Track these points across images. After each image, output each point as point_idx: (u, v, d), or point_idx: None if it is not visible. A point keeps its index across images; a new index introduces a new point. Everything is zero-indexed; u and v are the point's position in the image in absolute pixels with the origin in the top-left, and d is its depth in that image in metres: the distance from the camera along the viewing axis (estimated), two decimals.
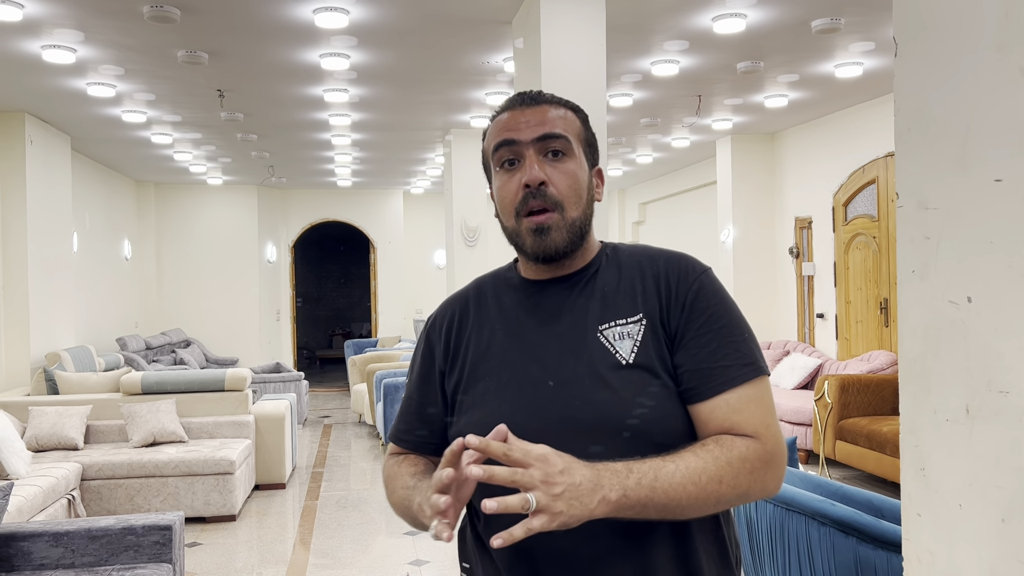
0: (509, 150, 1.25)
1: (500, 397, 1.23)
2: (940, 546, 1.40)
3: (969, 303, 1.33)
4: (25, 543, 3.26)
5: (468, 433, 1.16)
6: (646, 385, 1.19)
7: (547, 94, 1.32)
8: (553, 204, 1.21)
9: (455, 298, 1.39)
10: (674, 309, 1.23)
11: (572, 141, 1.26)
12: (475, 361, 1.28)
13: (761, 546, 2.60)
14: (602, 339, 1.22)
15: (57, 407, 5.88)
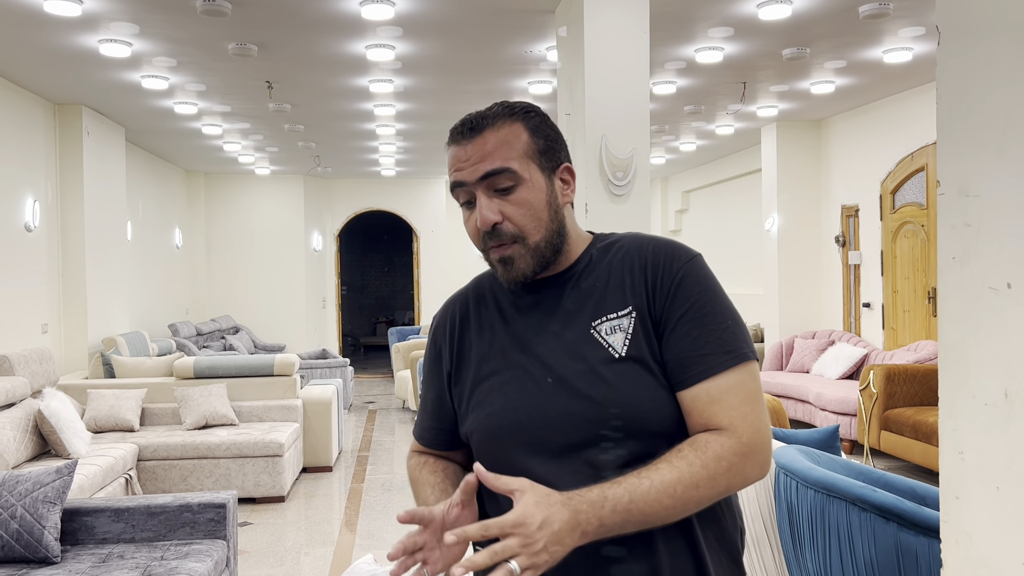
0: (462, 191, 1.26)
1: (504, 395, 1.27)
2: (977, 528, 1.42)
3: (1009, 289, 1.34)
4: (88, 518, 3.41)
5: (480, 435, 1.28)
6: (639, 377, 1.21)
7: (487, 115, 1.26)
8: (511, 238, 1.23)
9: (455, 299, 1.41)
10: (659, 298, 1.24)
11: (518, 167, 1.23)
12: (479, 361, 1.32)
13: (802, 531, 2.62)
14: (596, 335, 1.24)
15: (114, 390, 6.09)
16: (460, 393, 1.34)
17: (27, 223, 6.58)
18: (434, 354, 1.40)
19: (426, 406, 1.42)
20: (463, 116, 1.29)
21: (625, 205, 4.31)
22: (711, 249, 12.17)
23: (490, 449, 1.27)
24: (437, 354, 1.39)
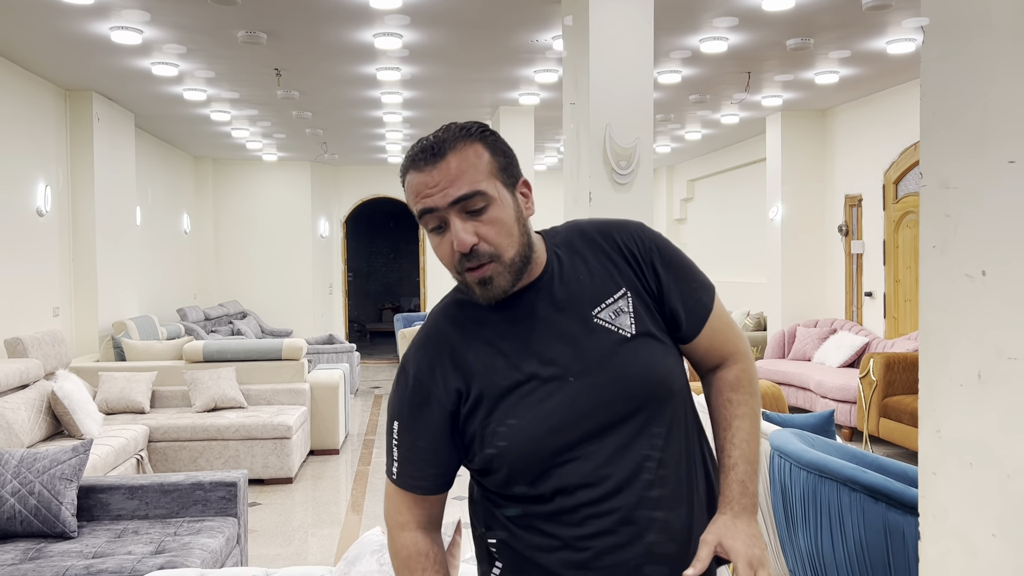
0: (432, 217, 1.27)
1: (530, 409, 1.28)
2: (952, 502, 1.50)
3: (983, 276, 1.42)
4: (104, 495, 3.52)
5: (517, 450, 1.29)
6: (652, 349, 1.34)
7: (446, 139, 1.27)
8: (489, 258, 1.26)
9: (429, 339, 1.37)
10: (647, 272, 1.38)
11: (486, 188, 1.26)
12: (491, 387, 1.30)
13: (794, 511, 2.70)
14: (600, 323, 1.32)
15: (125, 373, 6.19)
16: (474, 424, 1.32)
17: (39, 208, 6.67)
18: (420, 400, 1.34)
19: (415, 456, 1.36)
20: (417, 141, 1.30)
21: (628, 194, 4.38)
22: (716, 238, 12.23)
23: (523, 462, 1.29)
24: (425, 398, 1.34)
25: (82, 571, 2.91)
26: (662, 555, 1.31)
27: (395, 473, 1.39)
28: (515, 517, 1.36)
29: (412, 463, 1.36)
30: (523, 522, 1.35)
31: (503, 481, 1.32)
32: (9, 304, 6.20)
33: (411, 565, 1.36)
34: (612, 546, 1.29)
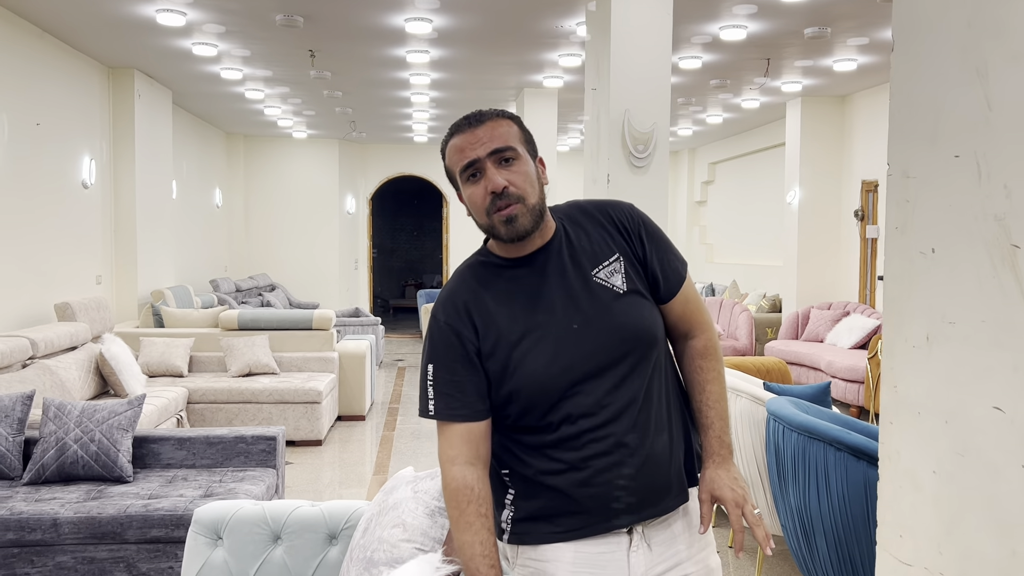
0: (472, 167, 1.55)
1: (542, 351, 1.55)
2: (904, 446, 1.76)
3: (933, 253, 1.66)
4: (155, 445, 3.84)
5: (529, 391, 1.56)
6: (639, 304, 1.63)
7: (486, 113, 1.58)
8: (516, 199, 1.53)
9: (456, 291, 1.61)
10: (635, 241, 1.66)
11: (517, 147, 1.56)
12: (508, 332, 1.56)
13: (786, 470, 2.96)
14: (599, 280, 1.62)
15: (165, 339, 6.54)
16: (495, 363, 1.56)
17: (84, 180, 7.00)
18: (452, 341, 1.57)
19: (451, 388, 1.57)
20: (463, 115, 1.62)
21: (645, 177, 4.61)
22: (735, 220, 12.39)
23: (539, 395, 1.56)
24: (457, 339, 1.57)
25: (141, 509, 3.23)
26: (648, 471, 1.58)
27: (432, 409, 1.59)
28: (526, 448, 1.62)
29: (449, 395, 1.57)
30: (533, 452, 1.61)
31: (518, 414, 1.59)
32: (57, 271, 6.55)
33: (458, 497, 1.55)
34: (609, 464, 1.56)
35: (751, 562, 3.88)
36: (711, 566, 1.70)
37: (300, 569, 2.24)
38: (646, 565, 1.62)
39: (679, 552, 1.66)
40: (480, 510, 1.56)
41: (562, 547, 1.61)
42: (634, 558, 1.61)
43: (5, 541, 3.15)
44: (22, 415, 3.69)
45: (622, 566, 1.61)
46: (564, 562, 1.61)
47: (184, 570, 2.26)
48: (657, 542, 1.64)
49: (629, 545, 1.61)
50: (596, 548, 1.61)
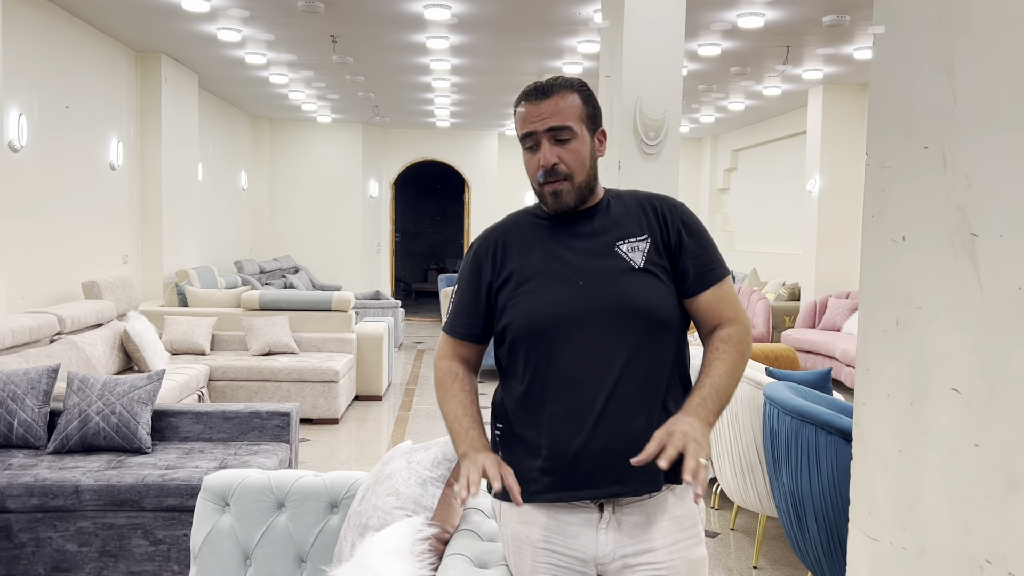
0: (530, 139, 1.69)
1: (544, 293, 1.68)
2: (876, 426, 1.83)
3: (903, 241, 1.73)
4: (173, 419, 3.98)
5: (524, 322, 1.69)
6: (651, 283, 1.69)
7: (554, 84, 1.68)
8: (564, 177, 1.67)
9: (495, 229, 1.81)
10: (671, 232, 1.73)
11: (574, 126, 1.67)
12: (523, 270, 1.71)
13: (780, 453, 3.02)
14: (619, 251, 1.70)
15: (188, 317, 6.70)
16: (503, 297, 1.72)
17: (112, 162, 7.17)
18: (474, 268, 1.77)
19: (462, 308, 1.79)
20: (532, 83, 1.73)
21: (656, 164, 4.66)
22: (754, 208, 12.35)
23: (533, 334, 1.68)
24: (477, 268, 1.76)
25: (158, 478, 3.37)
26: (611, 446, 1.62)
27: (446, 324, 1.82)
28: (511, 401, 1.73)
29: (458, 314, 1.79)
30: (514, 404, 1.72)
31: (509, 349, 1.70)
32: (84, 250, 6.73)
33: (444, 379, 1.78)
34: (573, 427, 1.63)
35: (750, 544, 3.95)
36: (691, 559, 1.69)
37: (302, 535, 2.35)
38: (615, 544, 1.66)
39: (653, 539, 1.67)
40: (464, 386, 1.77)
41: (537, 511, 1.70)
42: (603, 535, 1.67)
43: (30, 506, 3.31)
44: (47, 387, 3.85)
45: (591, 540, 1.67)
46: (537, 525, 1.70)
47: (193, 534, 2.38)
48: (629, 524, 1.67)
49: (600, 520, 1.68)
50: (568, 517, 1.68)
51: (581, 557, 1.68)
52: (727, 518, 4.32)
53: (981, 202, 1.48)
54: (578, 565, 1.69)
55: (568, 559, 1.69)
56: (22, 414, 3.74)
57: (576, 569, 1.69)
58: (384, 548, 1.49)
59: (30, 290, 5.91)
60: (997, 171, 1.43)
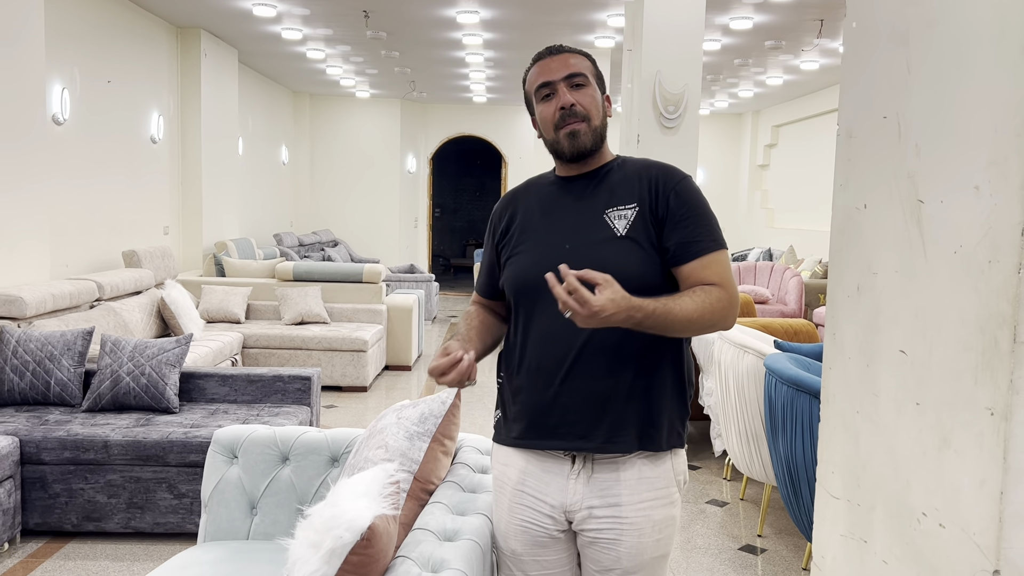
0: (546, 88, 1.78)
1: (533, 254, 1.79)
2: (838, 389, 1.88)
3: (864, 208, 1.77)
4: (201, 381, 4.16)
5: (514, 279, 1.82)
6: (630, 251, 1.73)
7: (565, 46, 1.84)
8: (582, 117, 1.75)
9: (509, 194, 1.95)
10: (660, 201, 1.76)
11: (588, 76, 1.80)
12: (520, 233, 1.84)
13: (777, 419, 3.07)
14: (606, 219, 1.76)
15: (224, 287, 6.92)
16: (504, 254, 1.87)
17: (153, 135, 7.40)
18: (491, 231, 1.93)
19: (483, 268, 1.97)
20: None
21: (675, 137, 4.68)
22: (795, 185, 12.21)
23: (520, 291, 1.80)
24: (493, 231, 1.92)
25: (181, 436, 3.55)
26: (577, 404, 1.71)
27: (476, 285, 2.02)
28: (507, 350, 1.86)
29: (481, 274, 1.98)
30: (508, 354, 1.85)
31: (508, 304, 1.85)
32: (126, 221, 6.98)
33: (466, 315, 1.97)
34: (543, 382, 1.73)
35: (756, 513, 4.01)
36: (655, 518, 1.76)
37: (304, 487, 2.48)
38: (582, 495, 1.75)
39: (619, 496, 1.74)
40: (479, 314, 1.95)
41: (516, 455, 1.81)
42: (572, 485, 1.76)
43: (63, 459, 3.51)
44: (82, 349, 4.05)
45: (562, 487, 1.77)
46: (516, 468, 1.81)
47: (204, 484, 2.53)
48: (597, 479, 1.75)
49: (570, 470, 1.78)
50: (542, 464, 1.79)
51: (551, 503, 1.78)
52: (737, 489, 4.38)
53: (927, 170, 1.52)
54: (547, 509, 1.79)
55: (539, 502, 1.79)
56: (59, 374, 3.95)
57: (546, 513, 1.79)
58: (354, 489, 1.60)
59: (73, 258, 6.16)
60: (939, 138, 1.48)
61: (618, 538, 1.74)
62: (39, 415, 3.79)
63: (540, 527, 1.80)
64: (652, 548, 1.76)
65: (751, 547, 3.65)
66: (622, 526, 1.74)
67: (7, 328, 4.04)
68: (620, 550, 1.74)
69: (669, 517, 1.80)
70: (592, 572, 1.80)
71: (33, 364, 3.94)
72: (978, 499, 1.33)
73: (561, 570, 1.84)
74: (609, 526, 1.75)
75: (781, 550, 3.62)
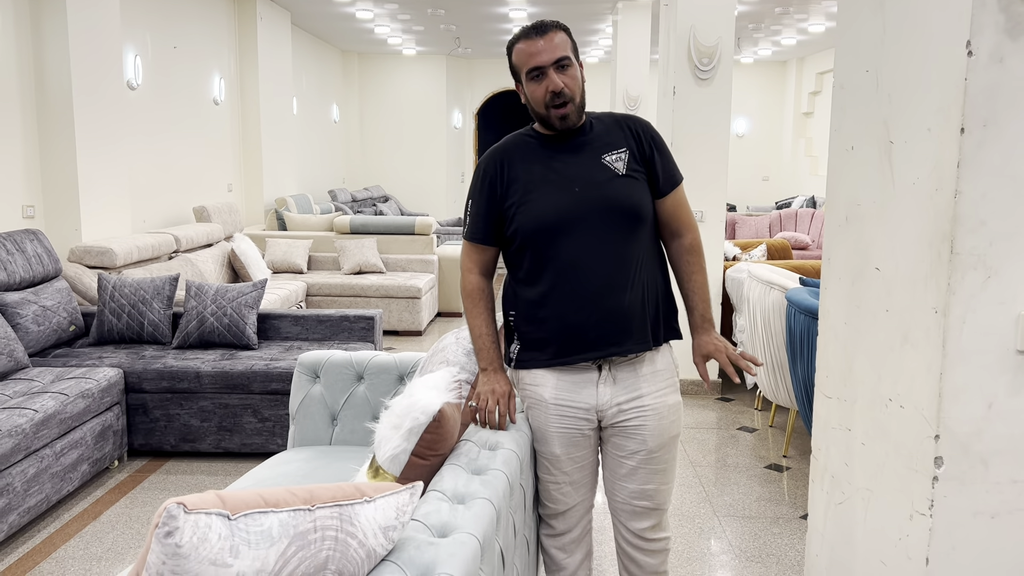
0: (537, 71, 2.03)
1: (547, 200, 2.07)
2: (832, 304, 2.19)
3: (852, 151, 2.06)
4: (276, 321, 4.60)
5: (533, 223, 2.10)
6: (632, 185, 2.09)
7: (546, 23, 2.05)
8: (568, 99, 2.04)
9: (497, 150, 2.15)
10: (644, 144, 2.14)
11: (571, 55, 2.05)
12: (527, 182, 2.08)
13: (796, 346, 3.38)
14: (605, 162, 2.09)
15: (286, 240, 7.38)
16: (511, 204, 2.08)
17: (215, 97, 7.82)
18: (484, 183, 2.12)
19: (478, 217, 2.14)
20: (524, 26, 2.11)
21: (709, 89, 4.93)
22: None
23: (539, 232, 2.07)
24: (490, 184, 2.12)
25: (263, 367, 4.00)
26: (611, 318, 2.07)
27: (466, 231, 2.18)
28: (524, 291, 2.14)
29: (474, 222, 2.15)
30: (528, 292, 2.13)
31: (518, 248, 2.10)
32: (194, 179, 7.45)
33: (473, 294, 2.21)
34: (580, 306, 2.06)
35: (782, 436, 4.34)
36: (669, 403, 2.16)
37: (377, 402, 2.88)
38: (611, 395, 2.12)
39: (641, 388, 2.13)
40: (487, 304, 2.22)
41: (548, 374, 2.16)
42: (602, 388, 2.12)
43: (161, 388, 3.99)
44: (170, 293, 4.51)
45: (592, 393, 2.13)
46: (549, 386, 2.16)
47: (291, 399, 2.96)
48: (621, 378, 2.12)
49: (599, 377, 2.13)
50: (572, 377, 2.14)
51: (584, 407, 2.14)
52: (766, 418, 4.71)
53: (895, 115, 1.82)
54: (582, 413, 2.15)
55: (574, 409, 2.15)
56: (151, 315, 4.43)
57: (580, 416, 2.15)
58: (426, 383, 1.98)
59: (149, 214, 6.65)
60: (905, 89, 1.77)
61: (643, 424, 2.11)
62: (136, 351, 4.27)
63: (576, 430, 2.17)
64: (669, 428, 2.15)
65: (777, 466, 4.00)
66: (645, 413, 2.11)
67: (104, 276, 4.52)
68: (645, 434, 2.12)
69: (677, 402, 2.21)
70: (618, 458, 2.17)
71: (128, 307, 4.42)
72: (926, 382, 1.66)
73: (589, 462, 2.22)
74: (635, 415, 2.12)
75: (803, 467, 3.95)
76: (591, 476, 2.24)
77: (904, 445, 1.75)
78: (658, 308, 2.16)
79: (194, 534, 1.13)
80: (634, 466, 2.16)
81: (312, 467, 2.62)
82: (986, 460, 1.60)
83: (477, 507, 1.64)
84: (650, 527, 2.22)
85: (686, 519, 3.40)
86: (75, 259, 4.96)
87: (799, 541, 3.18)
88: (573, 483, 2.20)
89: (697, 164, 4.98)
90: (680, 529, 3.30)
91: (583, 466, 2.21)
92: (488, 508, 1.66)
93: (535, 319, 2.13)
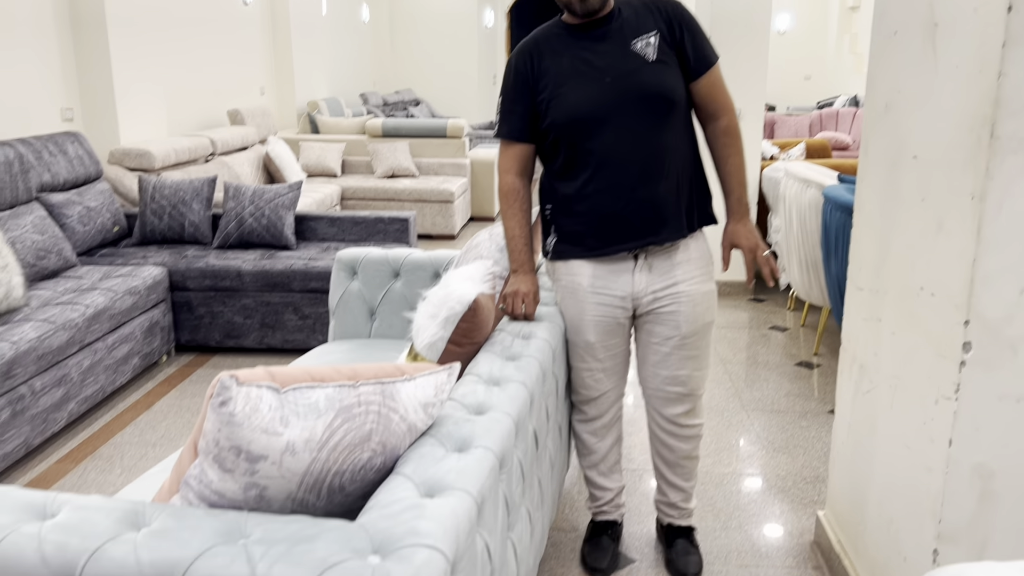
0: None
1: (579, 92, 2.06)
2: (868, 195, 2.19)
3: (895, 35, 2.01)
4: (312, 222, 4.67)
5: (567, 115, 2.08)
6: (663, 71, 2.07)
7: None
8: None
9: (526, 44, 2.14)
10: (674, 27, 2.09)
11: None
12: (558, 75, 2.07)
13: (831, 243, 3.37)
14: (635, 49, 2.06)
15: (320, 143, 7.38)
16: (544, 99, 2.08)
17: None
18: (517, 79, 2.11)
19: (512, 114, 2.14)
20: None
21: None
22: None
23: (573, 124, 2.07)
24: (521, 78, 2.11)
25: (302, 266, 4.08)
26: (649, 207, 2.08)
27: (500, 130, 2.17)
28: (561, 184, 2.15)
29: (508, 119, 2.15)
30: (565, 186, 2.14)
31: (553, 141, 2.10)
32: (226, 82, 7.43)
33: (509, 195, 2.19)
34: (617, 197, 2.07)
35: (813, 335, 4.37)
36: (703, 290, 2.20)
37: (413, 297, 2.95)
38: (647, 282, 2.16)
39: (676, 276, 2.17)
40: (523, 206, 2.21)
41: (585, 264, 2.19)
42: (638, 277, 2.17)
43: (204, 286, 4.11)
44: (209, 195, 4.59)
45: (628, 281, 2.17)
46: (586, 275, 2.20)
47: (331, 295, 3.04)
48: (657, 266, 2.16)
49: (635, 266, 2.17)
50: (609, 266, 2.17)
51: (620, 295, 2.18)
52: (798, 318, 4.73)
53: None
54: (618, 301, 2.19)
55: (611, 297, 2.19)
56: (191, 216, 4.51)
57: (617, 305, 2.20)
58: (460, 274, 2.02)
59: (184, 117, 6.68)
60: None
61: (678, 309, 2.16)
62: (179, 251, 4.38)
63: (612, 318, 2.22)
64: (703, 315, 2.20)
65: (807, 363, 4.04)
66: (680, 300, 2.16)
67: (144, 177, 4.59)
68: (679, 319, 2.17)
69: (711, 290, 2.24)
70: (652, 345, 2.23)
71: (169, 208, 4.51)
72: (958, 268, 1.66)
73: (622, 350, 2.28)
74: (670, 302, 2.17)
75: (833, 365, 3.99)
76: (623, 364, 2.31)
77: (933, 333, 1.77)
78: (691, 194, 2.17)
79: (246, 404, 1.21)
80: (668, 352, 2.22)
81: (354, 357, 2.72)
82: (1015, 345, 1.62)
83: (511, 389, 1.71)
84: (683, 412, 2.30)
85: (715, 412, 3.48)
86: (115, 161, 5.03)
87: (826, 434, 3.25)
88: (606, 370, 2.27)
89: (736, 61, 4.85)
90: (709, 422, 3.38)
91: (616, 354, 2.27)
92: (522, 390, 1.72)
93: (571, 212, 2.16)
